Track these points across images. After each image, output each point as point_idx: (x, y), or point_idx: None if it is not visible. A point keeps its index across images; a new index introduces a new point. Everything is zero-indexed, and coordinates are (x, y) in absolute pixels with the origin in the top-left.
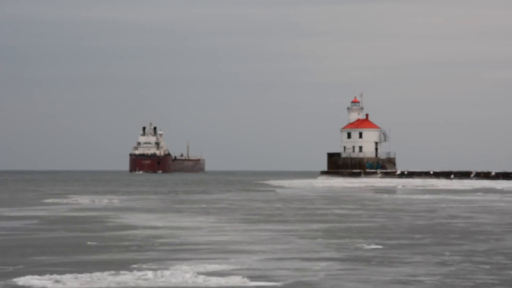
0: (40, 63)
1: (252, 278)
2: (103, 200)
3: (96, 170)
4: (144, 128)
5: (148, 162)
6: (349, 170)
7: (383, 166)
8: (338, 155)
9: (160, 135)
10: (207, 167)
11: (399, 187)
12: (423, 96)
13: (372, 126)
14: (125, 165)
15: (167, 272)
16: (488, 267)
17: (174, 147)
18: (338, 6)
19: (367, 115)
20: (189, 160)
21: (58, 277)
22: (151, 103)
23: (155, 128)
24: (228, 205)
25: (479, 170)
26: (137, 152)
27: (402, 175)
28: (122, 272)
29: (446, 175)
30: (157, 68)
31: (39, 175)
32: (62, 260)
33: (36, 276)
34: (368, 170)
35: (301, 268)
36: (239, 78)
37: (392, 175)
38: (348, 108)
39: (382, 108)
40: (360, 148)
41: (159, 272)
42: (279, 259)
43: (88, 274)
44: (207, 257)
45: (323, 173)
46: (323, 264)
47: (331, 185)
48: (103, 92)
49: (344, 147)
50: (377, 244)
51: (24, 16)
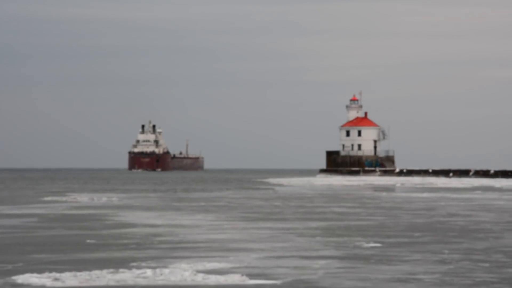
0: (39, 61)
1: (251, 276)
2: (102, 198)
3: (95, 168)
4: (143, 126)
5: (147, 160)
6: (348, 168)
7: (382, 164)
8: (337, 153)
9: (159, 133)
10: (206, 165)
11: (398, 185)
12: (422, 94)
13: (371, 124)
14: (124, 163)
15: (166, 270)
16: (487, 265)
17: (173, 145)
18: (338, 4)
19: (366, 113)
20: (188, 158)
21: (57, 275)
22: (150, 101)
23: (154, 126)
24: (227, 203)
25: (478, 168)
26: (136, 150)
27: (401, 173)
28: (121, 270)
29: (445, 173)
30: (156, 67)
31: (38, 173)
32: (61, 258)
33: (35, 274)
34: (367, 168)
35: (300, 266)
36: (238, 76)
37: (391, 173)
38: (347, 106)
39: (381, 106)
40: (359, 146)
41: (158, 270)
42: (278, 257)
43: (87, 272)
44: (206, 255)
45: (322, 171)
46: (322, 262)
47: (330, 183)
48: (102, 90)
49: (343, 145)
50: (376, 242)
51: (23, 14)
